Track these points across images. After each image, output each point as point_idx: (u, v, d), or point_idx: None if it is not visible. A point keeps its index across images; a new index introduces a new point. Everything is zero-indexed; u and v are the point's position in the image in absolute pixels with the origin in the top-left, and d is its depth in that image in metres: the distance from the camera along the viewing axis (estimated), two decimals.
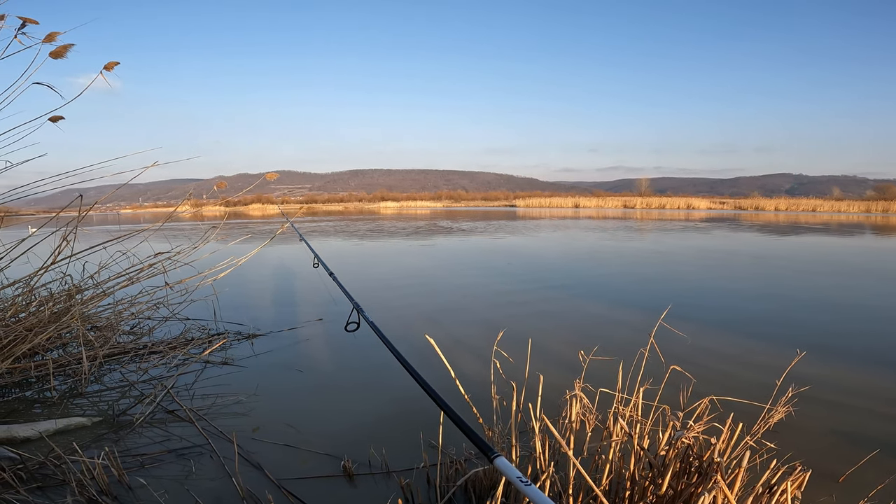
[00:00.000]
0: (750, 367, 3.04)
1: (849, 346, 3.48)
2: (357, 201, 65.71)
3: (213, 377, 2.97)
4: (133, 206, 52.17)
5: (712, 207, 40.88)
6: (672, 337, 3.21)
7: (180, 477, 1.91)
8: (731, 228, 16.37)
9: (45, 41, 2.38)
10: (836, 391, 2.65)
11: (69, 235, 3.07)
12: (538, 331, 3.85)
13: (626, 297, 5.15)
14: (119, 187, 3.33)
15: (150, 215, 31.20)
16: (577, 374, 1.75)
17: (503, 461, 0.89)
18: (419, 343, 3.55)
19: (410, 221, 21.94)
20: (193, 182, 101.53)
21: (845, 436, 2.18)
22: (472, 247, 10.79)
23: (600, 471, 1.50)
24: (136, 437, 2.22)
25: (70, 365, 3.02)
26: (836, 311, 4.53)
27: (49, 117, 2.54)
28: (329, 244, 11.61)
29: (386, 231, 15.93)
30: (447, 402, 1.20)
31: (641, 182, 74.87)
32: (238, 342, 3.65)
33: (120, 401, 2.64)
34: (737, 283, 6.04)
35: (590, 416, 1.68)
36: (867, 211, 32.81)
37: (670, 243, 11.10)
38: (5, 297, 3.11)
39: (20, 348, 2.70)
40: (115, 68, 2.61)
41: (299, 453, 2.08)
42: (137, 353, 3.31)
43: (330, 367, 3.15)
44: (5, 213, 3.10)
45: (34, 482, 1.84)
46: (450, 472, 1.80)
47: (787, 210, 35.62)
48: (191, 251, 3.71)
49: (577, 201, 46.27)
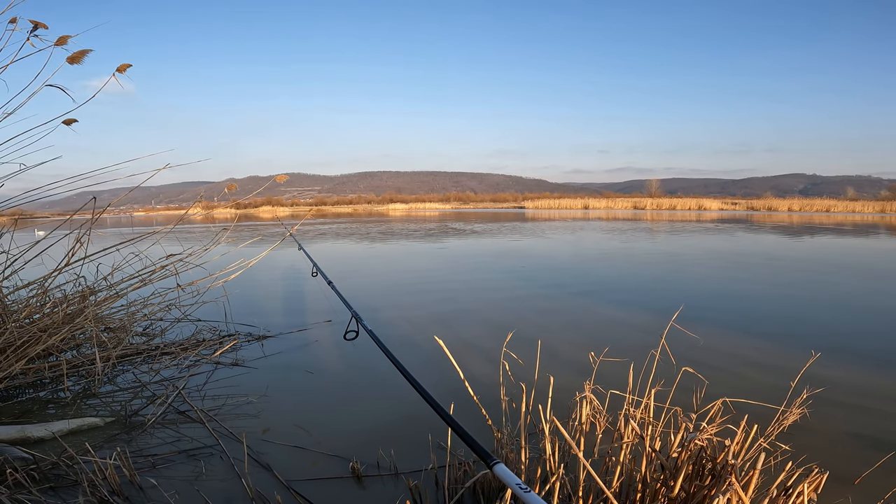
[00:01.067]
0: (764, 369, 2.99)
1: (864, 347, 3.41)
2: (366, 203, 65.97)
3: (224, 378, 2.99)
4: (146, 208, 52.83)
5: (724, 208, 40.48)
6: (684, 338, 3.17)
7: (190, 477, 1.92)
8: (744, 229, 16.19)
9: (57, 44, 2.42)
10: (852, 393, 2.60)
11: (83, 237, 3.11)
12: (548, 332, 3.83)
13: (637, 299, 5.11)
14: (132, 190, 3.36)
15: (162, 217, 31.57)
16: (588, 376, 1.74)
17: (502, 468, 0.88)
18: (429, 345, 3.54)
19: (420, 223, 21.98)
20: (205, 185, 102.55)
21: (861, 438, 2.14)
22: (482, 249, 10.77)
23: (611, 473, 1.48)
24: (147, 438, 2.24)
25: (83, 366, 3.05)
26: (852, 313, 4.46)
27: (63, 120, 2.58)
28: (341, 247, 11.66)
29: (396, 233, 15.96)
30: (447, 410, 1.19)
31: (651, 183, 74.41)
32: (248, 343, 3.67)
33: (132, 401, 2.66)
34: (750, 284, 5.96)
35: (600, 417, 1.67)
36: (882, 211, 32.30)
37: (681, 244, 11.00)
38: (20, 299, 3.15)
39: (34, 349, 2.73)
40: (127, 71, 2.64)
41: (308, 454, 2.08)
42: (150, 354, 3.35)
43: (339, 369, 3.16)
44: (20, 216, 3.15)
45: (46, 482, 1.86)
46: (458, 474, 1.79)
47: (801, 210, 35.18)
48: (202, 253, 3.74)
49: (586, 202, 46.09)
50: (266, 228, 18.78)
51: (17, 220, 3.00)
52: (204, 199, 4.31)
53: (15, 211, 3.00)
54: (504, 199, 67.30)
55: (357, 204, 64.95)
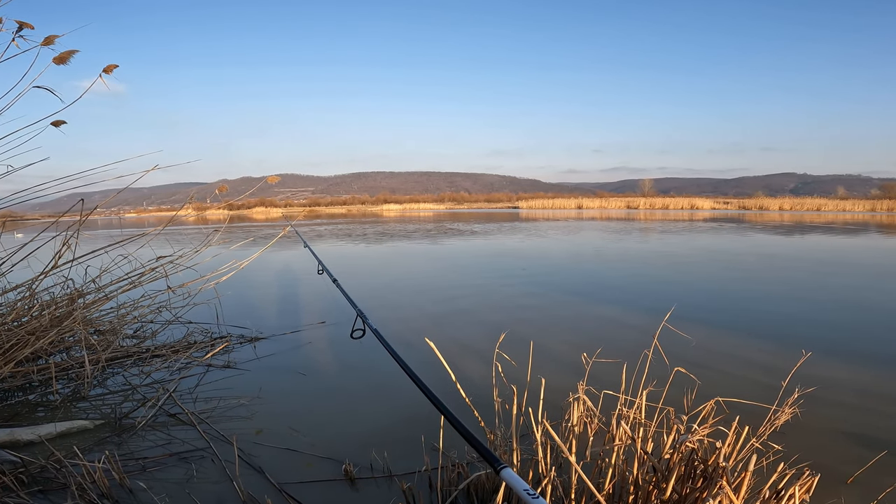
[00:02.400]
0: (755, 368, 3.01)
1: (855, 346, 3.44)
2: (360, 204, 65.86)
3: (216, 381, 2.96)
4: (137, 209, 52.44)
5: (716, 207, 40.72)
6: (677, 339, 3.18)
7: (181, 480, 1.90)
8: (735, 228, 16.29)
9: (43, 44, 2.39)
10: (844, 392, 2.62)
11: (70, 240, 3.07)
12: (542, 333, 3.83)
13: (631, 299, 5.13)
14: (121, 191, 3.33)
15: (154, 219, 31.33)
16: (581, 377, 1.74)
17: (509, 472, 0.87)
18: (423, 347, 3.53)
19: (414, 224, 21.95)
20: (196, 186, 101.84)
21: (853, 437, 2.15)
22: (477, 249, 10.77)
23: (603, 475, 1.48)
24: (138, 441, 2.22)
25: (73, 369, 3.02)
26: (843, 311, 4.49)
27: (51, 122, 2.55)
28: (336, 248, 11.62)
29: (391, 234, 15.93)
30: (453, 413, 1.19)
31: (644, 183, 74.84)
32: (240, 345, 3.64)
33: (122, 404, 2.63)
34: (742, 283, 6.00)
35: (593, 418, 1.66)
36: (872, 210, 32.62)
37: (674, 244, 11.05)
38: (7, 302, 3.11)
39: (22, 352, 2.70)
40: (116, 72, 2.61)
41: (301, 457, 2.06)
42: (140, 357, 3.31)
43: (332, 371, 3.14)
44: (8, 218, 3.11)
45: (35, 486, 1.84)
46: (452, 476, 1.79)
47: (792, 210, 35.46)
48: (193, 255, 3.71)
49: (580, 202, 46.22)
50: (259, 230, 18.70)
51: (4, 223, 2.96)
52: (196, 200, 4.28)
53: (3, 213, 2.96)
54: (498, 199, 67.42)
55: (351, 205, 64.84)
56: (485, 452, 0.99)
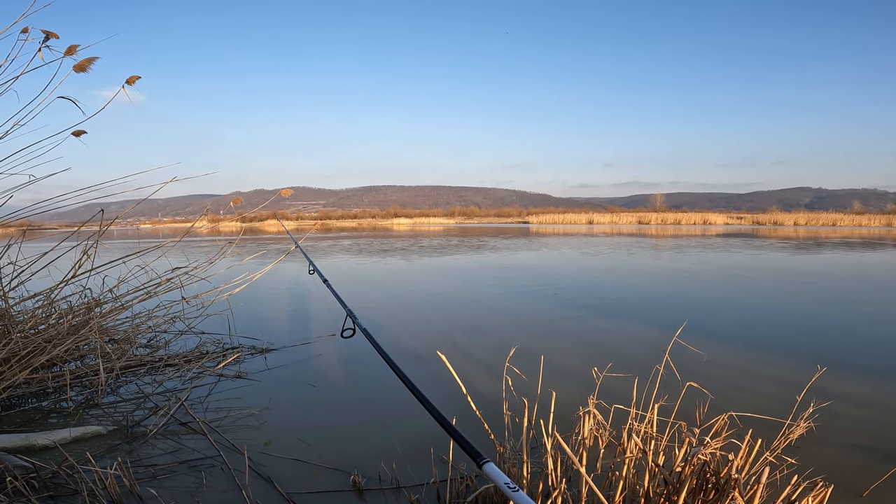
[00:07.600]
0: (769, 383, 2.96)
1: (872, 361, 3.37)
2: (370, 217, 66.23)
3: (227, 390, 2.98)
4: (153, 221, 53.19)
5: (729, 223, 40.33)
6: (689, 354, 3.15)
7: (191, 488, 1.91)
8: (748, 244, 16.11)
9: (66, 54, 2.45)
10: (859, 407, 2.57)
11: (90, 250, 3.13)
12: (552, 347, 3.81)
13: (642, 314, 5.08)
14: (139, 202, 3.40)
15: (168, 230, 31.78)
16: (591, 391, 1.73)
17: (492, 467, 0.89)
18: (437, 361, 3.53)
19: (425, 238, 22.01)
20: (211, 198, 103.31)
21: (869, 451, 2.11)
22: (489, 264, 10.78)
23: (613, 487, 1.46)
24: (149, 448, 2.24)
25: (87, 376, 3.06)
26: (859, 327, 4.41)
27: (72, 132, 2.61)
28: (348, 263, 11.69)
29: (402, 250, 16.00)
30: (438, 409, 1.19)
31: (656, 197, 74.37)
32: (252, 356, 3.67)
33: (134, 412, 2.66)
34: (756, 298, 5.92)
35: (603, 432, 1.65)
36: (889, 224, 32.13)
37: (687, 259, 10.96)
38: (26, 309, 3.17)
39: (38, 359, 2.74)
40: (138, 83, 2.68)
41: (310, 467, 2.06)
42: (153, 366, 3.35)
43: (342, 382, 3.15)
44: (29, 227, 3.18)
45: (46, 491, 1.86)
46: (460, 489, 1.78)
47: (807, 224, 35.03)
48: (207, 266, 3.76)
49: (590, 217, 46.11)
50: (272, 243, 18.87)
51: (25, 232, 3.03)
52: (210, 212, 4.35)
53: (23, 222, 3.03)
54: (508, 213, 67.44)
55: (362, 218, 65.24)
56: (467, 447, 0.99)
